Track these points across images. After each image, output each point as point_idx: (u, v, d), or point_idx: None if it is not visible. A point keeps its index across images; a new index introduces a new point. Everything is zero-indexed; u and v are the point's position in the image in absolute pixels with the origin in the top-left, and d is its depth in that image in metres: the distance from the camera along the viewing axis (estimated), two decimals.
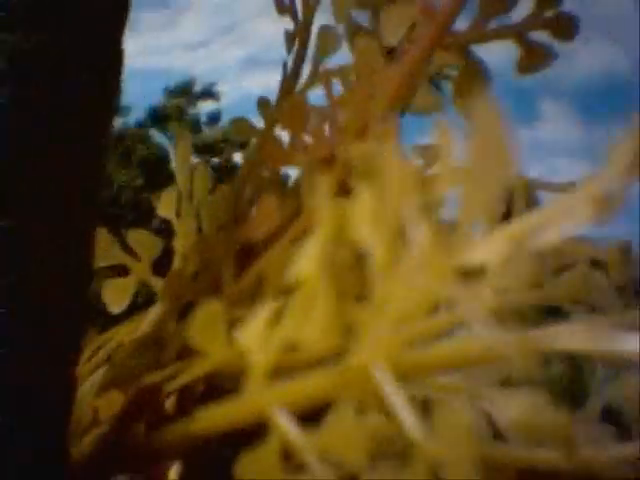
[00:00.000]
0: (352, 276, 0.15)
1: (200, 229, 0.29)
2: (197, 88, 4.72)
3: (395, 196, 0.14)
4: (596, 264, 0.22)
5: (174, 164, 0.31)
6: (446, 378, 0.19)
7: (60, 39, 0.20)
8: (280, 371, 0.17)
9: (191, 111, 4.66)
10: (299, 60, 0.27)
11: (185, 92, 4.68)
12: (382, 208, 0.15)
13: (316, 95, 0.27)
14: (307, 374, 0.16)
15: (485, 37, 0.24)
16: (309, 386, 0.16)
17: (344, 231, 0.15)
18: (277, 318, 0.17)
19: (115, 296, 0.30)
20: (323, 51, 0.26)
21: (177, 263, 0.29)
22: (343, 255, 0.15)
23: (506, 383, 0.21)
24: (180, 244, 0.29)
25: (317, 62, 0.26)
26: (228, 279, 0.25)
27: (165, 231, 0.30)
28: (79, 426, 0.23)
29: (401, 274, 0.14)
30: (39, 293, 0.20)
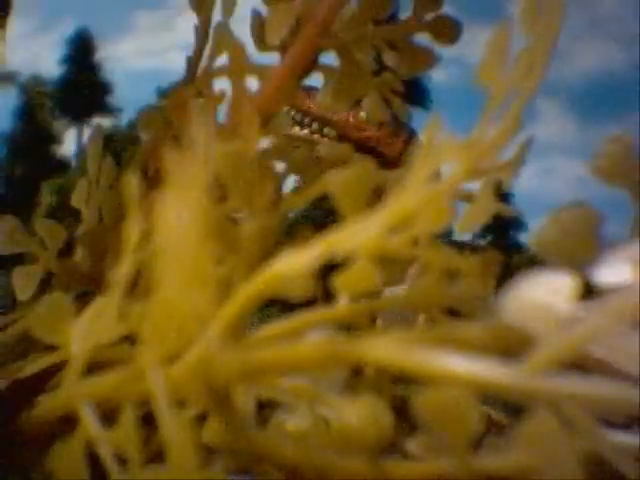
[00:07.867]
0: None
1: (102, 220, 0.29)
2: None
3: (186, 202, 0.15)
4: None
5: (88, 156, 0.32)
6: (293, 381, 0.19)
7: None
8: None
9: None
10: (197, 56, 0.27)
11: None
12: (177, 214, 0.15)
13: None
14: (110, 370, 0.16)
15: (365, 38, 0.24)
16: (109, 382, 0.16)
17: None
18: (101, 312, 0.17)
19: (23, 283, 0.31)
20: (218, 49, 0.26)
21: (77, 252, 0.29)
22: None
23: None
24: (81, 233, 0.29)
25: (212, 59, 0.27)
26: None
27: None
28: None
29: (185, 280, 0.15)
30: None
